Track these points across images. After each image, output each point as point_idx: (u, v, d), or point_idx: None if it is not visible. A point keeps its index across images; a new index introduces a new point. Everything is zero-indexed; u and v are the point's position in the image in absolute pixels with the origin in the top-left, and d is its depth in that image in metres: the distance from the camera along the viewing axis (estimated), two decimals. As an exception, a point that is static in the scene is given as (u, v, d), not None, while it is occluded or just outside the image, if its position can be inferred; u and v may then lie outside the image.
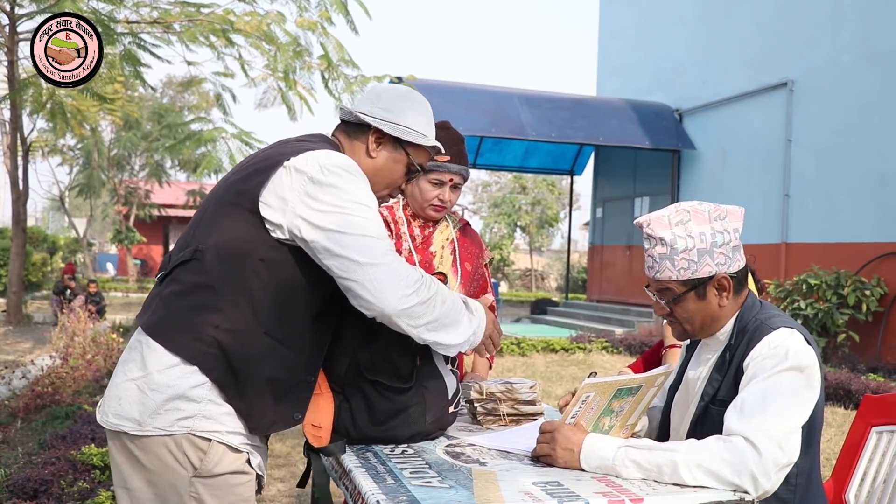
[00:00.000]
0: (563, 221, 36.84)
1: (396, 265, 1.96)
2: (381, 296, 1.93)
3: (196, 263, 2.01)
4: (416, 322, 1.98)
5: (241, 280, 1.96)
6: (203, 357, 1.95)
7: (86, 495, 4.12)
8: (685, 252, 2.10)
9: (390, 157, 2.21)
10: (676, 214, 2.13)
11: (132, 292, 25.14)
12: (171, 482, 1.96)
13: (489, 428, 2.48)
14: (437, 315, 2.01)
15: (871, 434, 2.56)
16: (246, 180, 2.03)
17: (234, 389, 1.97)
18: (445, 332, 2.05)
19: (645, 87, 17.11)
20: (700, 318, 2.17)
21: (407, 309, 1.96)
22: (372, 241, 1.95)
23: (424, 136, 2.23)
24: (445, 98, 14.58)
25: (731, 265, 2.13)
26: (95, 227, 40.69)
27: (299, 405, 2.09)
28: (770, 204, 13.43)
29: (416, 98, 2.27)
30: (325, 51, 7.06)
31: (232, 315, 1.96)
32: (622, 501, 1.74)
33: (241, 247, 1.98)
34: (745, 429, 1.91)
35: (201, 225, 2.06)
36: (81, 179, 28.56)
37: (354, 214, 1.96)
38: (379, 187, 2.22)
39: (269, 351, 1.99)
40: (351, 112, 2.21)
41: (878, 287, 11.09)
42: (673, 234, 2.11)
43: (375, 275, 1.93)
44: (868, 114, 11.70)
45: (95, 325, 10.17)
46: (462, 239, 3.25)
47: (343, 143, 2.21)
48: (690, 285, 2.13)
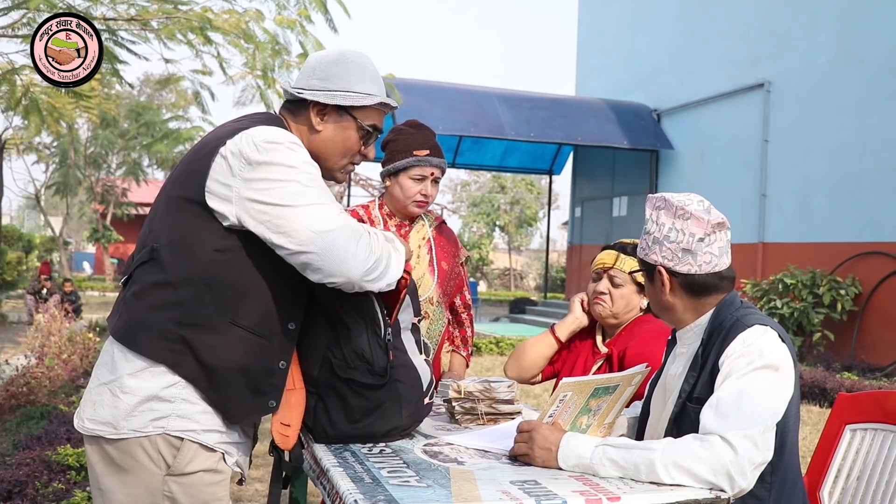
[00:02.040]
0: (541, 221, 36.95)
1: (348, 226, 1.92)
2: (343, 263, 1.90)
3: (154, 263, 1.98)
4: (374, 276, 1.97)
5: (200, 273, 1.93)
6: (169, 355, 1.93)
7: (61, 496, 4.08)
8: (646, 235, 2.23)
9: (337, 126, 2.14)
10: (660, 199, 2.22)
11: (109, 291, 24.95)
12: (145, 482, 1.94)
13: (467, 427, 2.48)
14: (383, 261, 1.99)
15: (844, 432, 2.58)
16: (189, 173, 2.00)
17: (205, 383, 1.95)
18: (389, 272, 2.02)
19: (623, 87, 17.19)
20: (653, 300, 2.31)
21: (369, 268, 1.94)
22: (322, 209, 1.91)
23: (366, 96, 2.13)
24: (425, 97, 14.57)
25: (677, 265, 2.16)
26: (72, 226, 40.37)
27: (274, 392, 2.06)
28: (747, 204, 13.53)
29: (351, 58, 2.16)
30: (304, 49, 7.04)
31: (194, 309, 1.93)
32: (599, 500, 1.74)
33: (194, 240, 1.94)
34: (721, 427, 1.92)
35: (155, 223, 2.03)
36: (57, 177, 28.33)
37: (299, 183, 1.92)
38: (336, 158, 2.17)
39: (238, 340, 1.96)
40: (290, 90, 2.15)
41: (853, 286, 11.20)
42: (649, 215, 2.23)
43: (334, 242, 1.89)
44: (844, 115, 11.81)
45: (71, 325, 10.08)
46: (438, 237, 3.26)
47: (289, 123, 2.15)
48: (643, 265, 2.27)
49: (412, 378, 2.25)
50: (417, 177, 3.06)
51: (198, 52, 7.13)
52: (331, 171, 2.20)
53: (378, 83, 2.18)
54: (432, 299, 3.17)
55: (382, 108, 2.18)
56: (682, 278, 2.17)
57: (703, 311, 2.21)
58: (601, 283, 2.91)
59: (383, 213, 3.20)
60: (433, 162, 3.06)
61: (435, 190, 3.12)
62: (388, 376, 2.16)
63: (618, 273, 2.88)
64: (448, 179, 38.92)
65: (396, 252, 2.08)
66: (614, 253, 2.92)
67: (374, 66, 2.19)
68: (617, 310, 2.89)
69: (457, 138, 16.74)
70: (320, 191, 1.95)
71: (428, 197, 3.09)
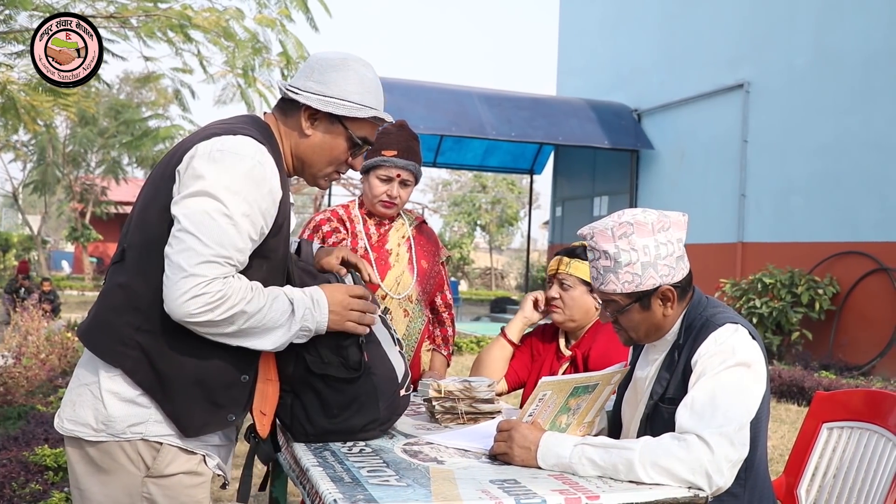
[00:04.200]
0: (522, 220, 37.02)
1: (203, 279, 1.79)
2: (170, 298, 1.80)
3: (123, 264, 1.96)
4: (210, 331, 1.85)
5: (160, 279, 1.84)
6: (125, 360, 1.90)
7: (38, 497, 4.05)
8: (629, 266, 2.10)
9: (327, 133, 2.08)
10: (619, 227, 2.11)
11: (88, 291, 24.78)
12: (125, 483, 1.93)
13: (447, 426, 2.48)
14: (238, 328, 1.87)
15: (822, 430, 2.61)
16: (162, 175, 1.96)
17: (160, 393, 1.91)
18: (250, 339, 1.91)
19: (604, 87, 17.23)
20: (644, 327, 2.20)
21: (196, 323, 1.82)
22: (196, 244, 1.80)
23: (360, 108, 2.07)
24: (406, 96, 14.56)
25: (675, 275, 2.14)
26: (50, 225, 40.04)
27: (233, 406, 2.00)
28: (726, 204, 13.60)
29: (352, 65, 2.09)
30: (284, 48, 7.02)
31: (154, 316, 1.89)
32: (579, 499, 1.75)
33: (158, 244, 1.88)
34: (697, 427, 1.93)
35: (131, 223, 2.00)
36: (36, 176, 28.12)
37: (207, 207, 1.82)
38: (321, 165, 2.12)
39: (195, 351, 1.91)
40: (284, 88, 2.10)
41: (831, 286, 11.29)
42: (616, 248, 2.10)
43: (176, 278, 1.79)
44: (821, 116, 11.90)
45: (50, 324, 10.01)
46: (418, 237, 3.26)
47: (278, 122, 2.10)
48: (635, 297, 2.14)
49: (387, 370, 2.25)
50: (383, 177, 3.05)
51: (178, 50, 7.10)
52: (314, 177, 2.16)
53: (376, 95, 2.12)
54: (412, 297, 3.16)
55: (376, 121, 2.14)
56: (679, 287, 2.17)
57: (681, 312, 2.22)
58: (552, 290, 2.96)
59: (363, 212, 3.20)
60: (398, 164, 3.03)
61: (405, 192, 3.10)
62: (362, 370, 2.15)
63: (565, 276, 2.92)
64: (429, 179, 38.95)
65: (290, 324, 1.96)
66: (561, 258, 2.96)
67: (375, 76, 2.14)
68: (572, 314, 2.92)
69: (438, 138, 16.73)
70: (216, 225, 1.82)
71: (394, 198, 3.07)
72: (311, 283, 2.13)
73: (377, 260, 3.11)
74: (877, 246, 10.95)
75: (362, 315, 2.11)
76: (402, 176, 3.06)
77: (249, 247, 1.90)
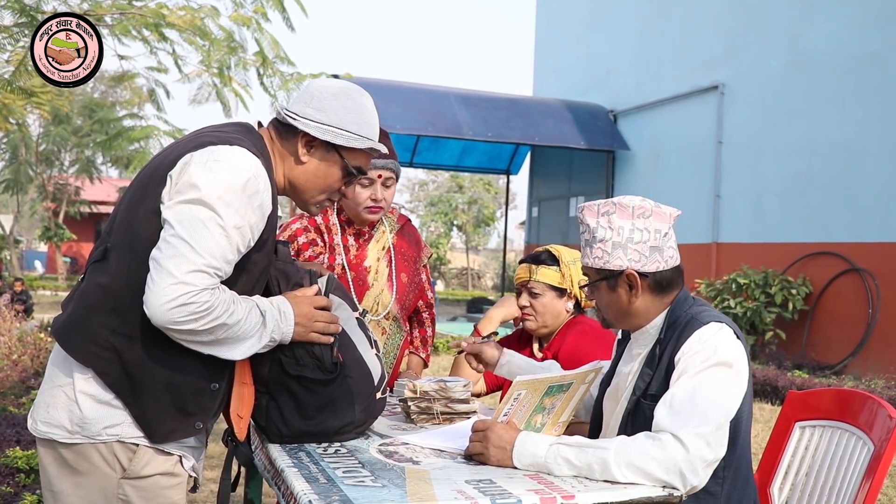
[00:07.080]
0: (499, 220, 37.07)
1: (193, 289, 1.78)
2: (155, 303, 1.78)
3: (103, 263, 1.94)
4: (187, 338, 1.84)
5: (139, 282, 1.83)
6: (98, 361, 1.89)
7: (9, 500, 4.01)
8: (601, 242, 2.16)
9: (323, 161, 2.10)
10: (605, 205, 2.17)
11: (61, 290, 24.55)
12: (100, 485, 1.92)
13: (423, 426, 2.48)
14: (216, 338, 1.87)
15: (794, 429, 2.63)
16: (151, 178, 1.94)
17: (130, 396, 1.90)
18: (222, 348, 1.90)
19: (580, 87, 17.29)
20: (612, 309, 2.23)
21: (177, 331, 1.81)
22: (189, 252, 1.79)
23: (359, 138, 2.09)
24: (382, 96, 14.53)
25: (647, 264, 2.16)
26: (23, 224, 39.61)
27: (202, 414, 2.00)
28: (701, 204, 13.69)
29: (351, 95, 2.11)
30: (260, 47, 6.98)
31: (129, 318, 1.88)
32: (554, 499, 1.75)
33: (140, 246, 1.87)
34: (674, 425, 1.94)
35: (115, 222, 1.98)
36: (8, 175, 27.81)
37: (202, 215, 1.82)
38: (314, 192, 2.14)
39: (168, 357, 1.90)
40: (282, 112, 2.10)
41: (804, 286, 11.39)
42: (597, 223, 2.16)
43: (164, 284, 1.77)
44: (794, 117, 12.01)
45: (22, 325, 9.90)
46: (399, 244, 3.17)
47: (273, 140, 2.10)
48: (602, 275, 2.19)
49: (363, 373, 2.25)
50: (364, 182, 2.92)
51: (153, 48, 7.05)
52: (306, 203, 2.17)
53: (373, 126, 2.14)
54: (389, 315, 3.08)
55: (371, 152, 2.16)
56: (651, 277, 2.18)
57: (663, 308, 2.22)
58: (522, 298, 3.04)
59: (341, 219, 3.08)
60: (377, 164, 2.91)
61: (388, 193, 2.99)
62: (337, 372, 2.15)
63: (534, 284, 2.99)
64: (406, 179, 38.91)
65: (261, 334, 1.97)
66: (527, 266, 3.03)
67: (373, 107, 2.16)
68: (544, 320, 3.02)
69: (414, 138, 16.72)
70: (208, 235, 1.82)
71: (379, 201, 2.95)
72: (285, 286, 2.16)
73: (354, 280, 3.01)
74: (848, 246, 11.06)
75: (326, 325, 2.13)
76: (383, 176, 2.95)
77: (236, 259, 1.90)
